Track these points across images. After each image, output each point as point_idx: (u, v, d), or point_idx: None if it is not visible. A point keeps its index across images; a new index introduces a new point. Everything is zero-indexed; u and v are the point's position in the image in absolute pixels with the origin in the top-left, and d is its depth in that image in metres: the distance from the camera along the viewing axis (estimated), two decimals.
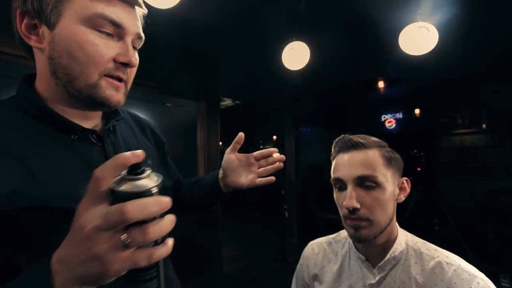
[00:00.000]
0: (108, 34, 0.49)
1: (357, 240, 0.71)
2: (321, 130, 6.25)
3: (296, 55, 2.29)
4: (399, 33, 2.04)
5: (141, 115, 0.81)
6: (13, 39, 0.52)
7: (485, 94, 4.57)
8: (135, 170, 0.32)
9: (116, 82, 0.51)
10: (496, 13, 2.55)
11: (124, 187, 0.31)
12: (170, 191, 0.73)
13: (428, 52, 2.04)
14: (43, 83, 0.52)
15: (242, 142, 0.76)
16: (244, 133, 0.76)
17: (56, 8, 0.46)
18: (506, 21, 2.68)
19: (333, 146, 0.78)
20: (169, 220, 0.33)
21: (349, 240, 0.80)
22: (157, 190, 0.33)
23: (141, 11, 0.55)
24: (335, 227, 0.91)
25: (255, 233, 5.51)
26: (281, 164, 0.77)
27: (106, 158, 0.55)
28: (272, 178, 0.77)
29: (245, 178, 0.75)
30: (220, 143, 3.57)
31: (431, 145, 5.23)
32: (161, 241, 0.34)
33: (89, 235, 0.30)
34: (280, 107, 5.06)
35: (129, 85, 0.56)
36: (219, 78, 3.53)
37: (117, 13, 0.49)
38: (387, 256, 0.70)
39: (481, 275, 0.63)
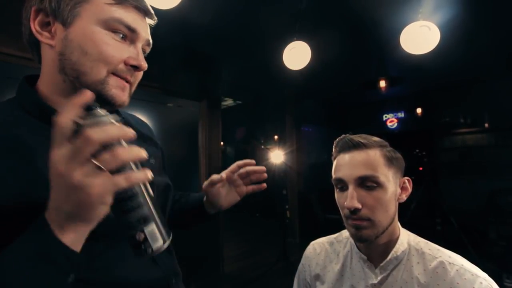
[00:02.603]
0: (122, 38, 0.51)
1: (359, 240, 0.70)
2: (323, 130, 6.24)
3: (297, 55, 2.29)
4: (400, 32, 2.04)
5: (143, 115, 0.81)
6: (14, 40, 0.52)
7: (488, 93, 4.55)
8: (89, 109, 0.36)
9: (123, 82, 0.53)
10: (498, 11, 2.54)
11: (83, 121, 0.34)
12: (170, 194, 0.74)
13: (430, 51, 2.04)
14: (48, 81, 0.52)
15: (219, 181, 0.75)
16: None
17: (75, 9, 0.49)
18: (508, 19, 2.66)
19: (334, 146, 0.78)
20: (138, 149, 0.35)
21: (351, 240, 0.80)
22: (115, 121, 0.37)
23: (151, 21, 0.58)
24: (337, 227, 0.90)
25: (256, 233, 5.51)
26: (263, 176, 0.76)
27: None
28: (263, 185, 0.78)
29: (231, 196, 0.77)
30: (222, 143, 3.57)
31: (433, 144, 5.21)
32: (138, 168, 0.37)
33: (63, 169, 0.33)
34: (282, 106, 5.05)
35: (133, 88, 0.57)
36: (220, 78, 3.53)
37: (132, 19, 0.52)
38: (389, 256, 0.70)
39: (484, 275, 0.62)
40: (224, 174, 0.75)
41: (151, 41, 0.58)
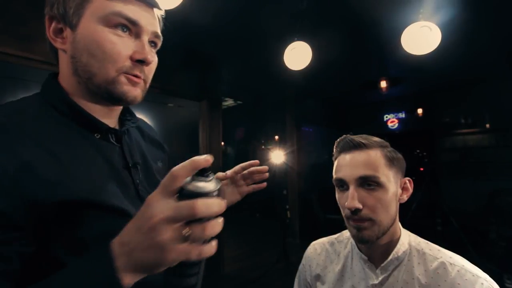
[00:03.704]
0: (125, 31, 0.50)
1: (360, 241, 0.70)
2: (323, 130, 6.23)
3: (298, 55, 2.29)
4: (401, 33, 2.04)
5: (143, 115, 0.82)
6: (14, 40, 0.53)
7: (489, 93, 4.54)
8: (203, 173, 0.35)
9: (134, 78, 0.52)
10: (499, 11, 2.54)
11: (193, 186, 0.34)
12: None
13: (431, 52, 2.04)
14: (66, 82, 0.53)
15: None
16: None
17: (78, 10, 0.49)
18: (509, 19, 2.66)
19: (335, 147, 0.78)
20: (221, 222, 0.35)
21: (352, 240, 0.80)
22: (217, 193, 0.36)
23: (159, 12, 0.57)
24: (338, 227, 0.90)
25: (256, 233, 5.51)
26: (265, 175, 0.77)
27: (125, 159, 0.56)
28: (263, 184, 0.79)
29: (232, 195, 0.78)
30: (222, 143, 3.57)
31: (434, 145, 5.21)
32: (208, 240, 0.36)
33: (157, 224, 0.32)
34: (282, 106, 5.05)
35: (147, 84, 0.56)
36: (220, 78, 3.53)
37: (133, 11, 0.50)
38: (390, 257, 0.70)
39: (484, 276, 0.62)
40: (228, 172, 0.76)
41: (159, 33, 0.56)
